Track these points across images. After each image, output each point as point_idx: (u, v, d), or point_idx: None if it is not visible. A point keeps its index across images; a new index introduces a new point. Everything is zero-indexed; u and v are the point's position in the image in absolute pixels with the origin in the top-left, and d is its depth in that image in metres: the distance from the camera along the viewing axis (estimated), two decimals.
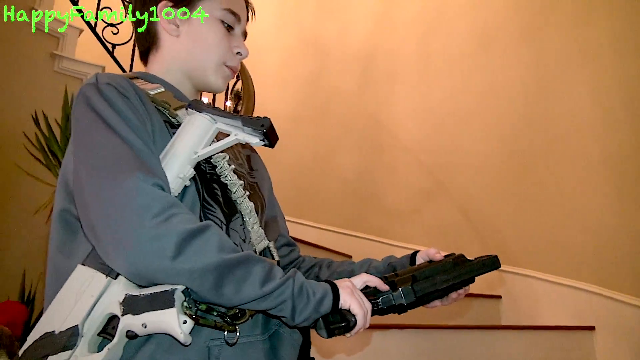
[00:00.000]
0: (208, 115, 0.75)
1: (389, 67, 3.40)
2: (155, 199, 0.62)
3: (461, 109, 2.89)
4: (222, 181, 0.79)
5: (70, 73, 2.52)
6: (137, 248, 0.61)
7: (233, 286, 0.63)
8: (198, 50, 0.84)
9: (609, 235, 2.15)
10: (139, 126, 0.70)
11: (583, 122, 2.33)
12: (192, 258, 0.61)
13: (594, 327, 2.13)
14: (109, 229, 0.62)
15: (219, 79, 0.86)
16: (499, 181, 2.62)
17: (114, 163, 0.65)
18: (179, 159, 0.71)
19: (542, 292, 2.34)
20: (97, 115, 0.69)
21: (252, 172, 0.93)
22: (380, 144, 3.32)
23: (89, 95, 0.71)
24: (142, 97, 0.75)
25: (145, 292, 0.63)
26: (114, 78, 0.74)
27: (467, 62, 2.92)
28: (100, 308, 0.65)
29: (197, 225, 0.64)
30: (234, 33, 0.88)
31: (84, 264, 0.68)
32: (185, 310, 0.61)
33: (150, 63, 0.88)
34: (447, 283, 0.79)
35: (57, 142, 1.96)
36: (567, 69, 2.43)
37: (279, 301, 0.66)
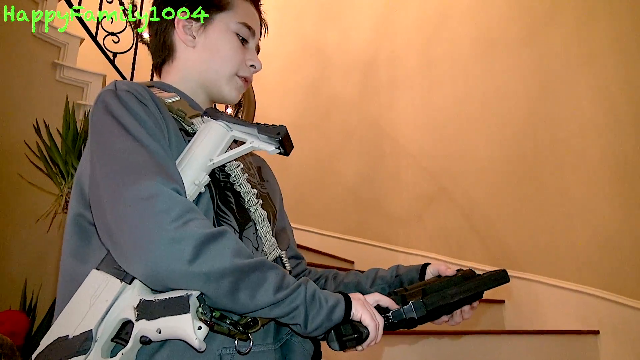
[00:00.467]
0: (223, 123, 0.76)
1: (390, 73, 3.41)
2: (174, 203, 0.63)
3: (463, 114, 2.89)
4: (235, 189, 0.80)
5: (71, 82, 2.53)
6: (156, 250, 0.61)
7: (248, 291, 0.64)
8: (213, 62, 0.86)
9: (613, 238, 2.14)
10: (157, 133, 0.71)
11: (586, 124, 2.32)
12: (209, 262, 0.62)
13: (598, 331, 2.11)
14: (127, 231, 0.63)
15: (232, 90, 0.88)
16: (502, 186, 2.61)
17: (134, 167, 0.65)
18: (194, 165, 0.72)
19: (545, 297, 2.33)
20: (116, 121, 0.70)
21: (263, 183, 0.95)
22: (382, 150, 3.31)
23: (108, 101, 0.72)
24: (159, 104, 0.76)
25: (160, 297, 0.63)
26: (133, 86, 0.75)
27: (469, 67, 2.92)
28: (114, 313, 0.65)
29: (215, 230, 0.64)
30: (248, 46, 0.90)
31: (98, 269, 0.68)
32: (200, 316, 0.61)
33: (165, 73, 0.89)
34: (457, 297, 0.79)
35: (58, 151, 1.96)
36: (570, 71, 2.42)
37: (291, 308, 0.66)
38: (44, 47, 2.52)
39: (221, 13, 0.87)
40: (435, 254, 2.82)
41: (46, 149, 1.97)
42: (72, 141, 1.96)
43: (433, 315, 0.79)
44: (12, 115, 2.33)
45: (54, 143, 1.97)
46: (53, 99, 2.38)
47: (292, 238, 1.02)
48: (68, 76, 2.52)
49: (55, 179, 1.97)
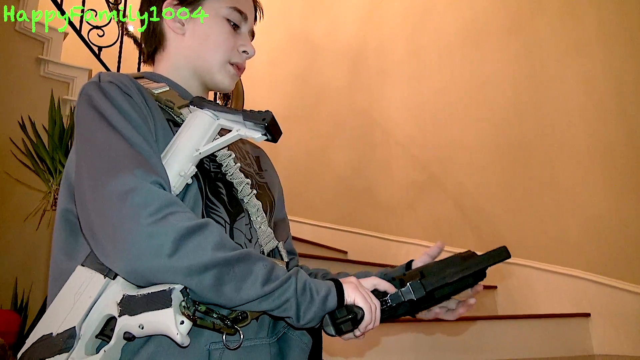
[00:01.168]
0: (210, 112, 0.74)
1: (379, 62, 3.40)
2: (152, 197, 0.61)
3: (452, 103, 2.89)
4: (227, 180, 0.78)
5: (56, 77, 2.49)
6: (134, 246, 0.59)
7: (233, 284, 0.62)
8: (203, 49, 0.84)
9: (602, 222, 2.16)
10: (141, 124, 0.69)
11: (573, 112, 2.34)
12: (189, 255, 0.60)
13: (589, 313, 2.14)
14: (105, 227, 0.61)
15: (225, 77, 0.86)
16: (492, 173, 2.63)
17: (114, 160, 0.64)
18: (180, 156, 0.70)
19: (537, 281, 2.35)
20: (98, 114, 0.68)
21: (261, 173, 0.92)
22: (372, 139, 3.31)
23: (91, 94, 0.71)
24: (146, 95, 0.74)
25: (143, 292, 0.62)
26: (117, 77, 0.73)
27: (457, 56, 2.91)
28: (97, 309, 0.64)
29: (195, 222, 0.62)
30: (241, 32, 0.87)
31: (83, 265, 0.67)
32: (183, 310, 0.59)
33: (157, 62, 0.88)
34: (457, 275, 0.76)
35: (44, 148, 1.94)
36: (557, 60, 2.43)
37: (281, 301, 0.64)
38: (27, 42, 2.48)
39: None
40: (427, 241, 2.83)
41: (32, 145, 1.95)
42: (58, 137, 1.94)
43: (434, 298, 0.77)
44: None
45: (40, 139, 1.94)
46: (38, 95, 2.35)
47: (289, 233, 0.99)
48: (53, 71, 2.49)
49: (42, 175, 1.94)
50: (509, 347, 1.98)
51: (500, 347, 1.96)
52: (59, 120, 1.97)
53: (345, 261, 2.61)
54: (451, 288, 0.78)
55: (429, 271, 0.77)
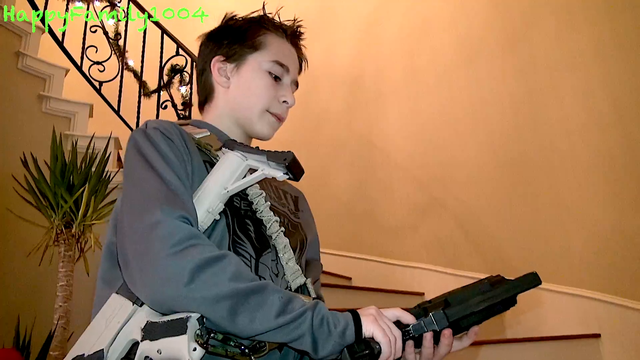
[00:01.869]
0: (239, 153, 0.80)
1: (377, 85, 3.43)
2: (176, 230, 0.66)
3: (451, 122, 2.91)
4: (257, 218, 0.82)
5: (58, 113, 2.52)
6: (155, 274, 0.64)
7: (247, 315, 0.64)
8: (244, 99, 0.90)
9: (607, 240, 2.14)
10: (178, 165, 0.76)
11: (572, 127, 2.34)
12: (204, 286, 0.64)
13: (599, 334, 2.10)
14: (134, 256, 0.67)
15: (264, 126, 0.91)
16: (494, 191, 2.62)
17: (148, 197, 0.71)
18: (210, 194, 0.75)
19: (545, 302, 2.32)
20: (140, 155, 0.76)
21: (297, 212, 0.98)
22: (372, 162, 3.32)
23: (137, 139, 0.78)
24: (187, 139, 0.81)
25: (164, 319, 0.66)
26: (162, 123, 0.81)
27: (454, 76, 2.94)
28: (124, 334, 0.69)
29: (214, 254, 0.66)
30: (282, 83, 0.93)
31: (117, 293, 0.73)
32: (197, 338, 0.63)
33: (205, 112, 0.95)
34: (483, 304, 0.72)
35: (47, 184, 1.95)
36: (554, 76, 2.45)
37: (296, 335, 0.65)
38: (29, 79, 2.52)
39: (254, 53, 0.91)
40: (432, 264, 2.81)
41: (34, 182, 1.96)
42: (60, 173, 1.95)
43: (459, 327, 0.74)
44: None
45: (42, 175, 1.96)
46: (40, 131, 2.37)
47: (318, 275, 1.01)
48: (54, 107, 2.52)
49: (44, 211, 1.95)
50: None
51: None
52: (61, 155, 1.98)
53: (350, 287, 2.59)
54: (478, 316, 0.74)
55: (454, 299, 0.74)
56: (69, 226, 1.94)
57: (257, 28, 0.92)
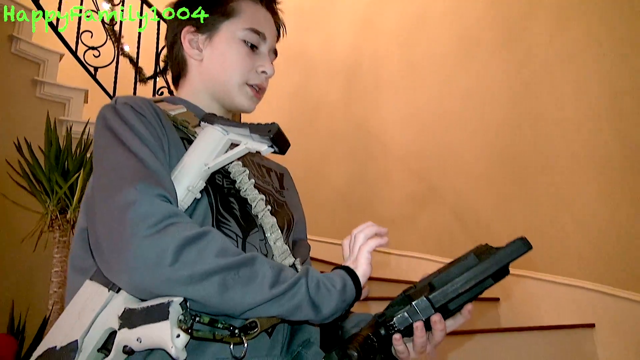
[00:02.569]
0: (219, 127, 0.74)
1: (374, 75, 3.41)
2: (153, 209, 0.61)
3: (448, 113, 2.90)
4: (242, 196, 0.78)
5: (52, 98, 2.50)
6: (134, 258, 0.59)
7: (239, 289, 0.60)
8: (220, 72, 0.85)
9: (603, 231, 2.15)
10: (151, 140, 0.70)
11: (568, 120, 2.34)
12: (190, 264, 0.59)
13: (594, 324, 2.12)
14: (109, 239, 0.62)
15: (244, 99, 0.86)
16: (491, 183, 2.62)
17: (120, 176, 0.65)
18: (189, 171, 0.71)
19: (540, 292, 2.33)
20: (110, 133, 0.70)
21: (282, 191, 0.93)
22: (370, 151, 3.31)
23: (106, 116, 0.73)
24: (161, 116, 0.76)
25: (144, 305, 0.61)
26: (132, 98, 0.75)
27: (451, 66, 2.93)
28: (100, 322, 0.64)
29: (196, 230, 0.62)
30: (259, 52, 0.87)
31: (91, 279, 0.68)
32: (180, 324, 0.58)
33: (180, 87, 0.90)
34: (471, 283, 0.65)
35: (41, 169, 1.93)
36: (550, 69, 2.44)
37: (293, 305, 0.63)
38: (23, 64, 2.49)
39: (226, 21, 0.85)
40: (428, 254, 2.81)
41: (29, 167, 1.94)
42: (55, 158, 1.93)
43: (449, 311, 0.68)
44: None
45: (36, 160, 1.94)
46: (34, 116, 2.35)
47: (307, 254, 0.96)
48: (49, 92, 2.49)
49: (39, 196, 1.93)
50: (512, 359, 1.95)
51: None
52: (55, 141, 1.96)
53: None
54: (469, 295, 0.67)
55: (439, 280, 0.67)
56: (63, 212, 1.93)
57: None
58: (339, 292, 0.65)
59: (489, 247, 0.70)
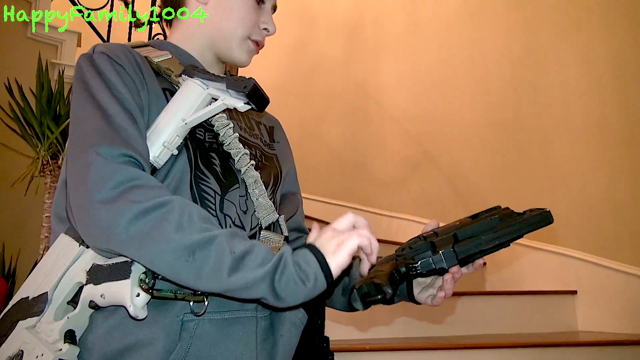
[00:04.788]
0: (199, 81, 0.72)
1: (376, 35, 3.34)
2: (110, 172, 0.60)
3: (449, 78, 2.86)
4: (225, 151, 0.76)
5: (44, 39, 2.42)
6: (89, 224, 0.60)
7: (193, 274, 0.57)
8: (224, 22, 0.82)
9: (593, 201, 2.17)
10: (126, 95, 0.68)
11: (570, 91, 2.32)
12: (142, 239, 0.57)
13: (576, 291, 2.17)
14: (73, 202, 0.63)
15: (243, 53, 0.84)
16: (486, 151, 2.62)
17: (85, 136, 0.64)
18: (167, 127, 0.69)
19: (526, 259, 2.38)
20: (84, 86, 0.69)
21: (272, 144, 0.90)
22: (367, 113, 3.28)
23: (82, 67, 0.71)
24: (141, 64, 0.73)
25: (110, 262, 0.62)
26: (110, 47, 0.73)
27: (456, 30, 2.87)
28: (69, 276, 0.66)
29: (155, 201, 0.58)
30: (264, 7, 0.85)
31: (66, 233, 0.69)
32: (141, 283, 0.59)
33: (172, 29, 0.86)
34: (493, 242, 0.70)
35: (32, 112, 1.89)
36: (556, 37, 2.40)
37: (253, 294, 0.58)
38: (14, 3, 2.39)
39: None
40: (419, 217, 2.84)
41: (20, 109, 1.90)
42: (46, 102, 1.89)
43: (465, 262, 0.74)
44: None
45: (27, 103, 1.89)
46: (25, 58, 2.28)
47: (301, 209, 0.95)
48: (40, 33, 2.41)
49: (29, 140, 1.90)
50: (495, 322, 2.00)
51: (487, 323, 1.99)
52: (47, 84, 1.91)
53: None
54: (485, 253, 0.72)
55: (463, 234, 0.71)
56: (55, 157, 1.90)
57: None
58: (308, 290, 0.58)
59: (512, 212, 0.74)
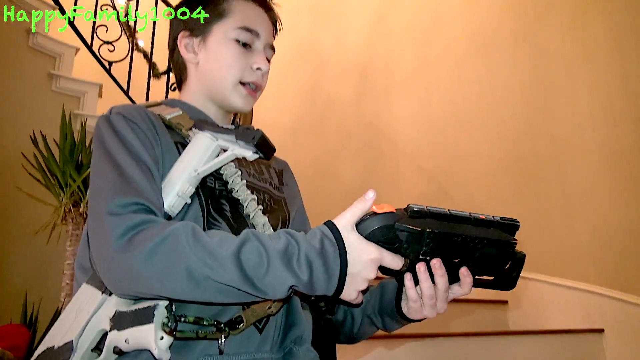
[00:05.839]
0: (209, 134, 0.77)
1: (386, 74, 3.40)
2: (118, 222, 0.64)
3: (461, 114, 2.89)
4: (234, 197, 0.79)
5: (67, 92, 2.52)
6: (110, 272, 0.64)
7: (212, 290, 0.62)
8: (215, 72, 0.86)
9: (615, 235, 2.13)
10: (141, 150, 0.73)
11: (584, 122, 2.32)
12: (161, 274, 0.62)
13: (603, 329, 2.10)
14: (94, 252, 0.67)
15: (237, 98, 0.87)
16: (502, 184, 2.61)
17: (101, 190, 0.69)
18: (180, 177, 0.73)
19: (549, 296, 2.32)
20: (101, 145, 0.74)
21: (281, 187, 0.94)
22: (380, 151, 3.31)
23: (100, 127, 0.77)
24: (154, 121, 0.78)
25: (132, 308, 0.65)
26: (125, 107, 0.78)
27: (465, 67, 2.91)
28: (93, 323, 0.68)
29: (160, 236, 0.63)
30: (254, 49, 0.88)
31: (87, 282, 0.72)
32: (164, 327, 0.62)
33: (182, 91, 0.92)
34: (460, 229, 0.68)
35: (55, 162, 1.95)
36: (566, 69, 2.42)
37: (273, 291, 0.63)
38: (39, 57, 2.52)
39: (218, 22, 0.86)
40: None
41: (44, 160, 1.96)
42: (69, 151, 1.95)
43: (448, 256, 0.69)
44: (9, 127, 2.32)
45: (51, 154, 1.96)
46: (49, 110, 2.37)
47: None
48: (64, 86, 2.51)
49: (53, 189, 1.96)
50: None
51: None
52: (70, 134, 1.99)
53: None
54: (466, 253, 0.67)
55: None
56: (76, 205, 1.95)
57: None
58: (325, 288, 0.63)
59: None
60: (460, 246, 0.67)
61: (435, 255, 0.67)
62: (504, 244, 0.69)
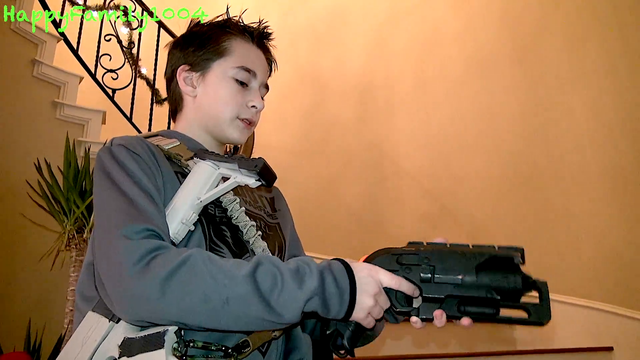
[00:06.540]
0: (210, 162, 0.79)
1: (386, 95, 3.44)
2: (135, 247, 0.66)
3: (461, 134, 2.91)
4: (233, 224, 0.82)
5: (71, 120, 2.55)
6: (127, 298, 0.64)
7: (230, 318, 0.64)
8: (212, 107, 0.89)
9: (617, 252, 2.12)
10: (144, 179, 0.75)
11: (582, 140, 2.33)
12: (178, 296, 0.63)
13: (612, 347, 2.07)
14: (106, 279, 0.67)
15: (234, 132, 0.90)
16: (504, 203, 2.61)
17: (112, 218, 0.70)
18: (183, 205, 0.75)
19: (557, 314, 2.28)
20: (105, 175, 0.76)
21: (274, 214, 0.97)
22: (382, 172, 3.32)
23: (102, 157, 0.78)
24: (155, 152, 0.81)
25: (142, 334, 0.66)
26: (127, 139, 0.81)
27: (464, 87, 2.94)
28: (101, 351, 0.68)
29: (177, 260, 0.65)
30: (250, 87, 0.92)
31: (93, 310, 0.73)
32: (175, 352, 0.63)
33: (176, 121, 0.96)
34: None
35: (60, 189, 1.97)
36: (564, 89, 2.44)
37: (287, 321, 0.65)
38: (43, 86, 2.56)
39: (218, 60, 0.90)
40: None
41: (48, 187, 1.98)
42: (73, 178, 1.97)
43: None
44: (14, 155, 2.34)
45: (55, 181, 1.98)
46: (54, 137, 2.40)
47: None
48: (68, 114, 2.55)
49: (57, 216, 1.97)
50: None
51: None
52: (74, 161, 2.01)
53: None
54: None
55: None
56: (80, 231, 1.96)
57: (221, 33, 0.91)
58: (337, 309, 0.67)
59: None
60: (460, 261, 0.71)
61: (435, 272, 0.72)
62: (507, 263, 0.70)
